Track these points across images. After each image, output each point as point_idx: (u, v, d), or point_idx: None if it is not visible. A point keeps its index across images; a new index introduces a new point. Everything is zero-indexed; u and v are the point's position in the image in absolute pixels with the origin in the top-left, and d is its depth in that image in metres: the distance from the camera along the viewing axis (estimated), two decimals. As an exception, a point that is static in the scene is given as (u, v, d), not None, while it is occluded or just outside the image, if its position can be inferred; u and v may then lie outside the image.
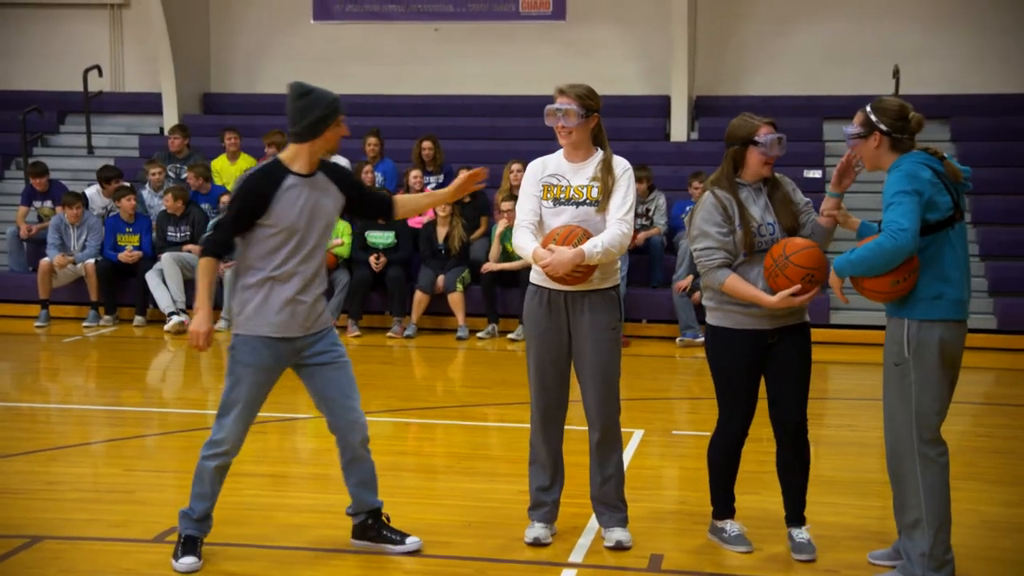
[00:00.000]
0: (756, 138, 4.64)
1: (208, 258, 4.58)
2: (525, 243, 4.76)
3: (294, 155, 4.60)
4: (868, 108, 4.48)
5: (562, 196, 4.79)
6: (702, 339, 10.66)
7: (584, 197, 4.77)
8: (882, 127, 4.42)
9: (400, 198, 4.96)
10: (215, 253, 4.59)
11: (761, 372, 4.77)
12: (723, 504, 4.95)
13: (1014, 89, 13.64)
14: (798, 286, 4.48)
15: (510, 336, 10.96)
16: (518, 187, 11.41)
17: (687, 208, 11.70)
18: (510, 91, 14.56)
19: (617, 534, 4.89)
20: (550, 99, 4.82)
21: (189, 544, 4.66)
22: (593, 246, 4.62)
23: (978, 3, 14.04)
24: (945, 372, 4.31)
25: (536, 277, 4.87)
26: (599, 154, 4.84)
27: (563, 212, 4.78)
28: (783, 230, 4.68)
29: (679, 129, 14.19)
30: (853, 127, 4.48)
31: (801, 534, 4.83)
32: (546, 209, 4.81)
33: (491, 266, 11.03)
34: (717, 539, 4.95)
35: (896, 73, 12.94)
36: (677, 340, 10.74)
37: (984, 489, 5.89)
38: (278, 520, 5.30)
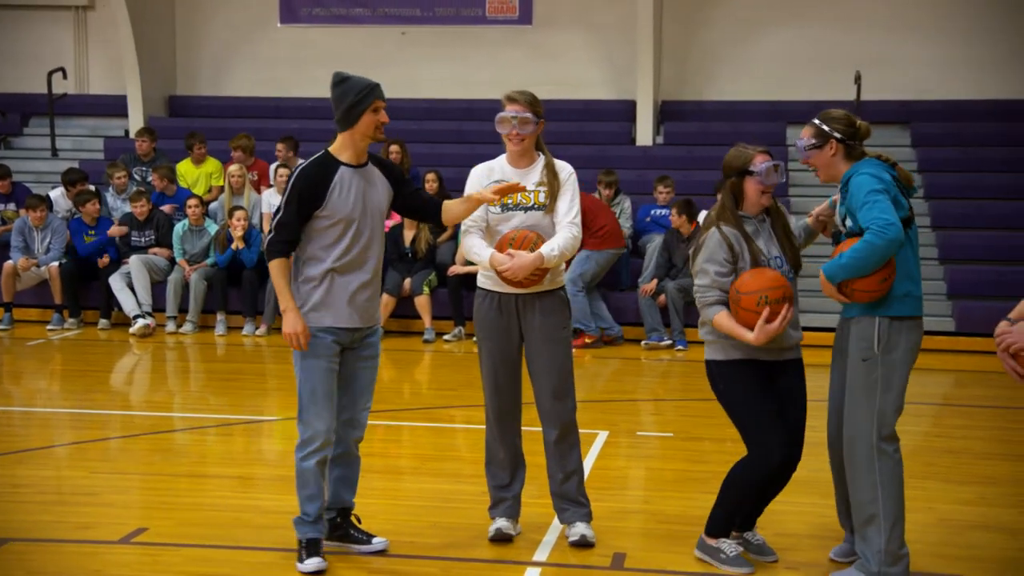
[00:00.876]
0: (751, 168, 4.60)
1: (279, 260, 4.56)
2: (478, 248, 4.83)
3: (341, 146, 4.64)
4: (817, 120, 4.60)
5: (510, 201, 4.87)
6: (667, 342, 10.84)
7: (532, 202, 4.87)
8: (836, 135, 4.54)
9: (447, 203, 4.86)
10: (284, 253, 4.58)
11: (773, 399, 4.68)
12: (724, 524, 4.77)
13: (972, 95, 13.86)
14: (765, 313, 4.45)
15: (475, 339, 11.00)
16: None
17: (652, 212, 11.80)
18: (477, 95, 14.60)
19: (581, 528, 4.95)
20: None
21: (312, 546, 4.66)
22: (551, 249, 4.72)
23: (938, 11, 14.25)
24: (908, 369, 4.44)
25: (485, 281, 4.95)
26: (541, 159, 4.96)
27: (513, 217, 4.87)
28: (790, 258, 4.67)
29: (645, 133, 14.29)
30: (806, 140, 4.59)
31: (756, 536, 4.88)
32: (494, 215, 4.87)
33: (457, 269, 11.07)
34: (710, 558, 4.74)
35: (858, 79, 13.11)
36: (643, 343, 10.82)
37: (941, 488, 6.00)
38: (244, 521, 5.32)
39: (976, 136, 13.49)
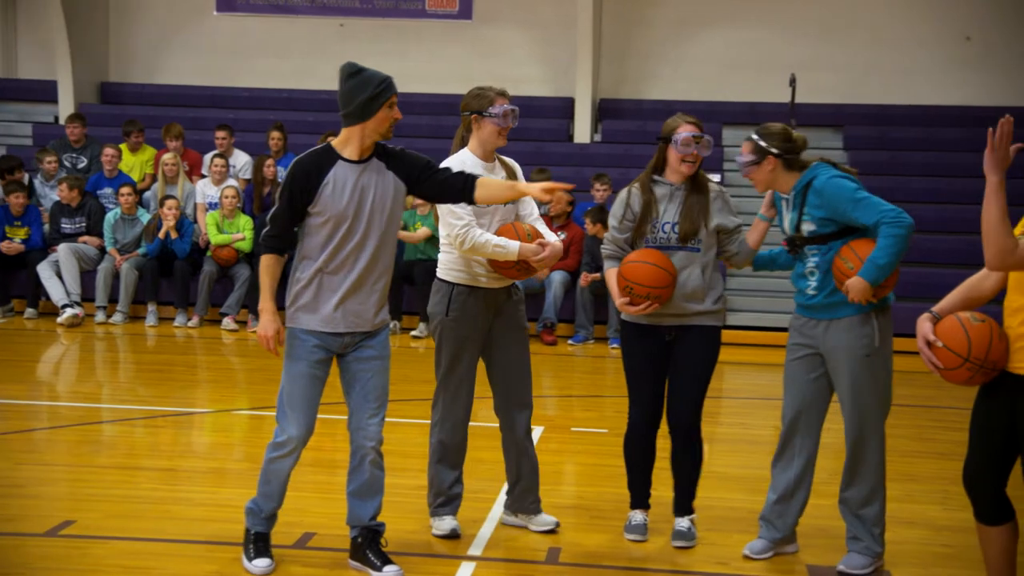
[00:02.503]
0: (673, 136, 4.79)
1: (269, 255, 4.40)
2: (499, 240, 4.78)
3: (345, 139, 4.43)
4: (755, 136, 4.72)
5: None
6: (592, 343, 10.93)
7: None
8: (773, 151, 4.66)
9: (483, 180, 4.51)
10: (276, 248, 4.42)
11: (664, 367, 4.91)
12: (634, 494, 5.07)
13: (901, 100, 14.15)
14: (627, 298, 4.74)
15: (413, 334, 10.97)
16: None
17: (589, 209, 11.85)
18: (415, 89, 14.55)
19: (550, 518, 5.10)
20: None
21: (260, 542, 4.55)
22: (556, 239, 4.90)
23: (870, 18, 14.55)
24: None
25: (465, 277, 4.93)
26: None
27: (497, 211, 4.94)
28: (679, 234, 4.81)
29: (582, 131, 14.35)
30: (745, 156, 4.72)
31: (683, 522, 4.99)
32: (477, 208, 4.87)
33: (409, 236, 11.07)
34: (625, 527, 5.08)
35: (793, 81, 13.30)
36: (569, 341, 10.90)
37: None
38: (172, 514, 5.25)
39: (904, 140, 13.78)
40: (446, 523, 5.01)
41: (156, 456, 6.46)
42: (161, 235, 11.34)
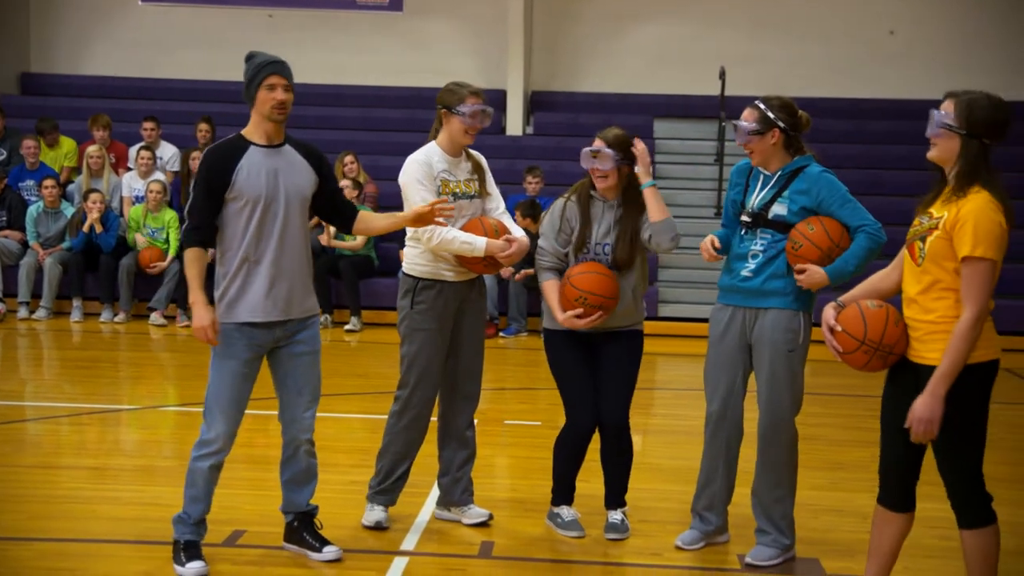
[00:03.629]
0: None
1: (191, 248, 4.32)
2: (467, 237, 4.80)
3: (251, 126, 4.44)
4: (761, 105, 4.62)
5: (457, 191, 4.94)
6: (525, 335, 10.94)
7: (472, 191, 4.99)
8: (780, 124, 4.60)
9: (364, 215, 4.71)
10: (197, 241, 4.33)
11: (593, 369, 4.92)
12: (562, 491, 5.07)
13: (829, 94, 14.35)
14: (580, 309, 4.70)
15: (347, 327, 10.89)
16: (353, 177, 11.39)
17: (520, 202, 11.84)
18: (345, 81, 14.43)
19: (482, 510, 5.11)
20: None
21: (192, 548, 4.45)
22: (523, 234, 4.92)
23: (797, 13, 14.76)
24: None
25: (431, 271, 4.91)
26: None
27: (463, 207, 4.93)
28: (616, 255, 4.81)
29: (515, 123, 14.35)
30: (749, 123, 4.59)
31: (615, 515, 5.02)
32: (450, 203, 4.86)
33: (328, 241, 11.03)
34: (552, 524, 5.07)
35: (722, 75, 13.41)
36: (501, 333, 10.91)
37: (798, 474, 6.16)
38: (99, 513, 5.14)
39: (831, 132, 13.96)
40: (375, 514, 5.00)
41: (82, 455, 6.34)
42: (86, 229, 11.11)
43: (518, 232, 4.90)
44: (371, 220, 4.77)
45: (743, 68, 14.06)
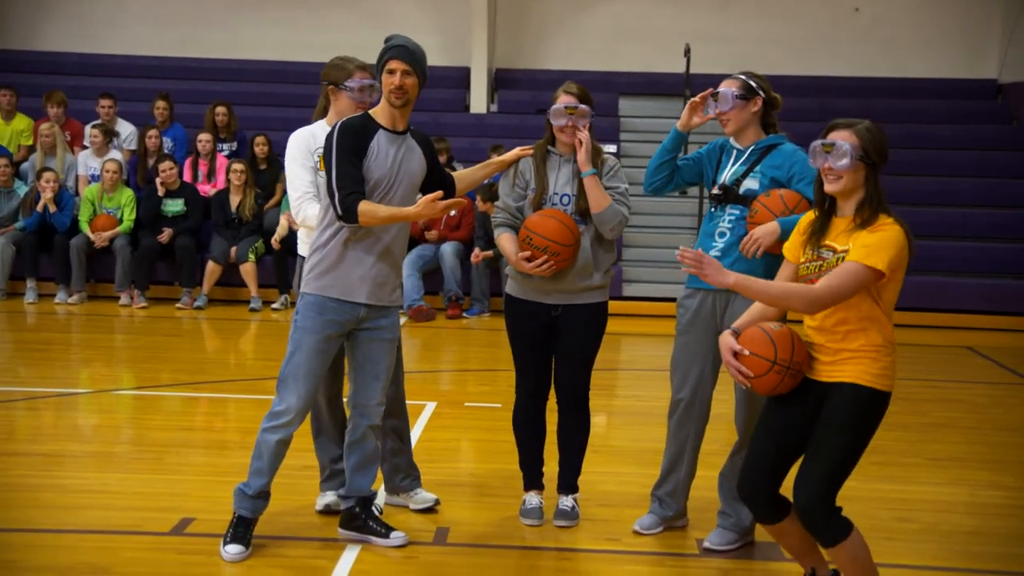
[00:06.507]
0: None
1: (360, 206, 4.22)
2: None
3: (379, 108, 4.45)
4: (743, 76, 4.62)
5: None
6: (487, 315, 10.86)
7: None
8: (762, 94, 4.60)
9: (458, 174, 4.79)
10: (359, 199, 4.24)
11: (551, 342, 4.82)
12: (526, 475, 4.98)
13: (794, 71, 14.31)
14: (528, 252, 4.60)
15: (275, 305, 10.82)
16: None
17: (485, 182, 11.76)
18: (305, 58, 14.23)
19: (428, 495, 5.01)
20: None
21: (241, 527, 4.39)
22: None
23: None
24: None
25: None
26: None
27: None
28: (578, 205, 4.71)
29: (479, 101, 14.22)
30: (734, 90, 4.57)
31: (566, 501, 4.93)
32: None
33: (283, 235, 10.80)
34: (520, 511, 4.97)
35: (687, 52, 13.34)
36: (464, 314, 10.83)
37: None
38: (48, 502, 5.01)
39: (794, 111, 13.91)
40: (326, 498, 4.94)
41: (35, 440, 6.19)
42: (39, 208, 10.90)
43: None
44: (464, 177, 4.84)
45: (708, 45, 14.00)
